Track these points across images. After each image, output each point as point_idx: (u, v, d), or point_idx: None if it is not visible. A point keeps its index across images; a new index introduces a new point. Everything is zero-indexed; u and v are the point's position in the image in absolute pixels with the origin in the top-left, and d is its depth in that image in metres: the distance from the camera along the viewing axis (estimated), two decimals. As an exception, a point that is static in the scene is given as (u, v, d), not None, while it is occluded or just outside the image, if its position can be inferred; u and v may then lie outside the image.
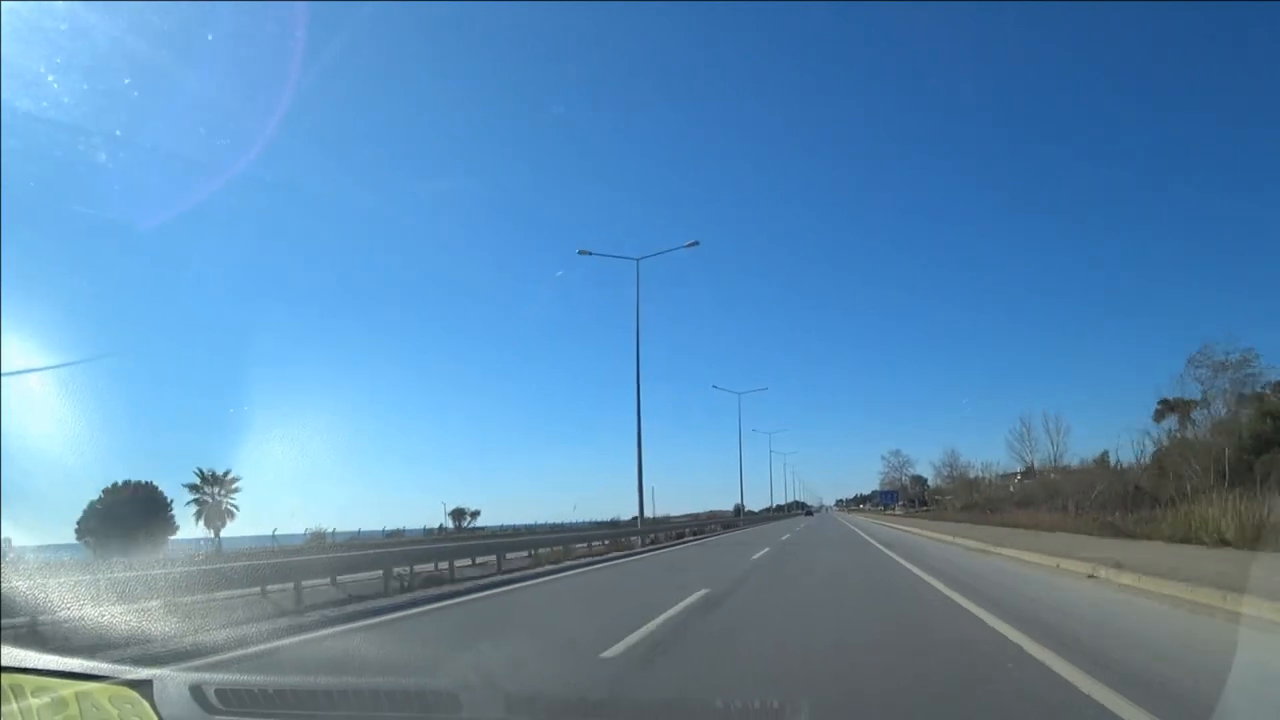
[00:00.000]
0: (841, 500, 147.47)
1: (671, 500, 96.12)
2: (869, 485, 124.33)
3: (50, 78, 10.12)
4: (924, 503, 78.11)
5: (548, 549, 17.79)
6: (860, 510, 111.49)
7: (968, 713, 3.93)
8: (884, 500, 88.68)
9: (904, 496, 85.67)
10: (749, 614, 7.61)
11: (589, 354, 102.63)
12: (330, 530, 34.69)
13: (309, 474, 66.70)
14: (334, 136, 55.55)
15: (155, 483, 37.43)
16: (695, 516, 61.45)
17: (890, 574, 11.96)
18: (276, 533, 33.42)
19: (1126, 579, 8.72)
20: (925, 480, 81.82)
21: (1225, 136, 65.79)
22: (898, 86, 73.85)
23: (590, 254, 31.23)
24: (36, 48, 9.68)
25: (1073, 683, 4.26)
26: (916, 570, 12.15)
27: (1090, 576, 9.65)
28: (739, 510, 74.36)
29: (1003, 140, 78.75)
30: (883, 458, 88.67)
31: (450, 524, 55.88)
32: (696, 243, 30.56)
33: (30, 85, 10.64)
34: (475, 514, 59.49)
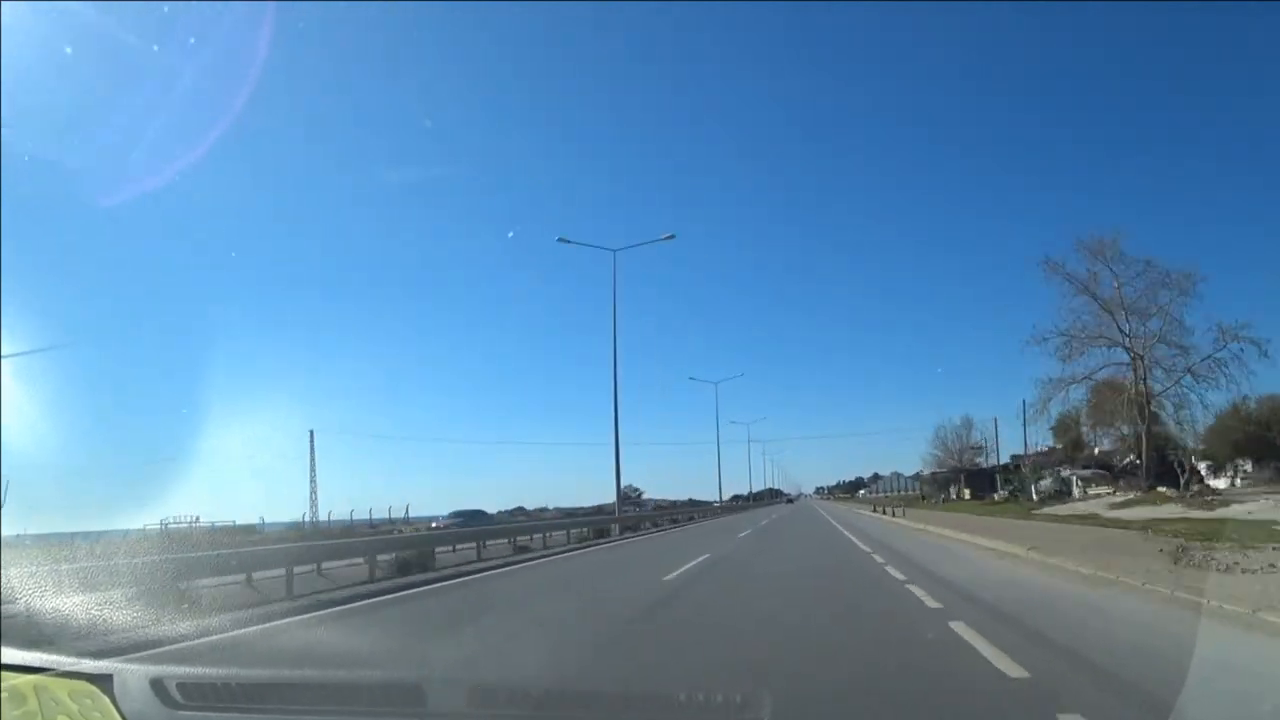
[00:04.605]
0: (822, 488, 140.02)
1: (652, 487, 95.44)
2: (856, 470, 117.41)
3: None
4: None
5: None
6: (842, 498, 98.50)
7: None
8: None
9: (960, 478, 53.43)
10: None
11: (566, 347, 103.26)
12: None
13: (275, 461, 68.34)
14: (306, 116, 56.18)
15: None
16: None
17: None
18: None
19: None
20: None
21: None
22: (881, 69, 73.70)
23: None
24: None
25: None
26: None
27: None
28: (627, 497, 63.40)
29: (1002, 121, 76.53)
30: None
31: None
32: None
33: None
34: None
